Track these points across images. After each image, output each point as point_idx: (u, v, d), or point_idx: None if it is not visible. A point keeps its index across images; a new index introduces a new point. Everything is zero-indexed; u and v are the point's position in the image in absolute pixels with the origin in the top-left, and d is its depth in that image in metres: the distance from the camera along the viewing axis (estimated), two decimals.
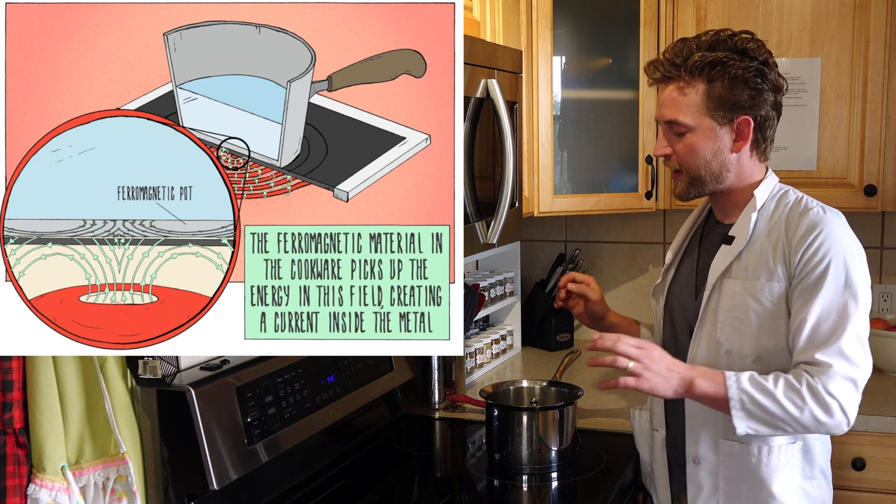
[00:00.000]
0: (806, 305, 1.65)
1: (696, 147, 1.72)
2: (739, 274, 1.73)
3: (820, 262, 1.65)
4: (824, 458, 1.81)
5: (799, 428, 1.64)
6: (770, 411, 1.61)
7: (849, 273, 1.65)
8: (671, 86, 1.72)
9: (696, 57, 1.68)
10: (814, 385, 1.61)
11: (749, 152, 1.75)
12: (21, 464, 1.35)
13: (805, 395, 1.61)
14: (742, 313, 1.71)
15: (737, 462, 1.76)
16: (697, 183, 1.75)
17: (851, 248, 1.68)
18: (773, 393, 1.61)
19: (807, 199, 1.75)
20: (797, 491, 1.75)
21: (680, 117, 1.71)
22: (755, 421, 1.62)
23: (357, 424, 2.11)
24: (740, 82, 1.67)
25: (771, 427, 1.63)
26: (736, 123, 1.70)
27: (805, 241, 1.66)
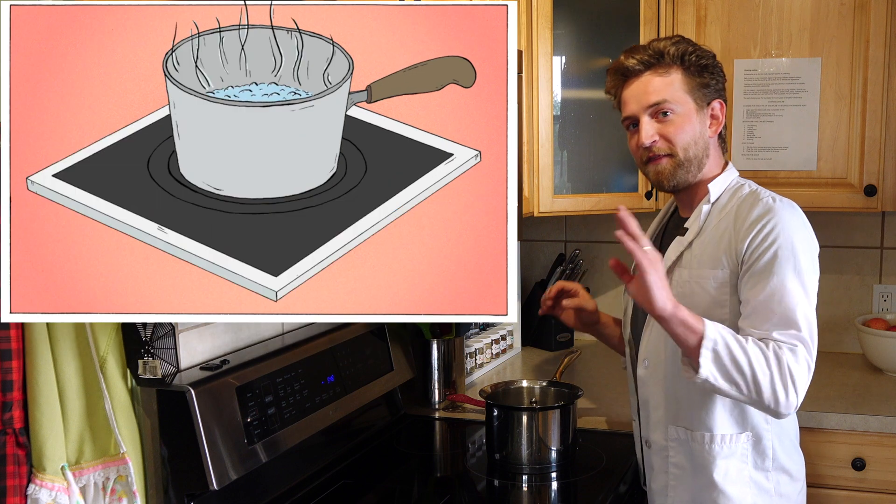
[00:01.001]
0: (758, 288, 1.66)
1: (683, 127, 1.76)
2: (688, 263, 1.78)
3: (769, 246, 1.67)
4: (785, 453, 1.80)
5: (752, 389, 1.61)
6: (736, 360, 1.59)
7: (797, 259, 1.66)
8: (648, 73, 1.77)
9: (672, 48, 1.76)
10: (780, 355, 1.62)
11: (716, 141, 1.82)
12: (21, 464, 1.35)
13: (771, 359, 1.61)
14: (690, 301, 1.73)
15: (683, 447, 1.80)
16: (685, 165, 1.77)
17: (801, 236, 1.69)
18: (743, 344, 1.61)
19: (760, 191, 1.78)
20: (744, 482, 1.77)
21: (667, 97, 1.75)
22: (717, 367, 1.59)
23: (357, 424, 2.11)
24: (707, 70, 1.77)
25: (729, 380, 1.60)
26: (710, 107, 1.78)
27: (754, 228, 1.69)
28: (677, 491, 1.82)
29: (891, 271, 2.81)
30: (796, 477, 1.83)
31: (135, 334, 1.50)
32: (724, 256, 1.73)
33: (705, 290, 1.75)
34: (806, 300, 1.67)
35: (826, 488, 2.27)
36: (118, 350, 1.49)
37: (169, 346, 1.53)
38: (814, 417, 2.25)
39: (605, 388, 2.52)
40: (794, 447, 1.84)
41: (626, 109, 1.81)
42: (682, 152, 1.76)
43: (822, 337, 2.85)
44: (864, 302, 2.84)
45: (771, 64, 2.54)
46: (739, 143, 2.59)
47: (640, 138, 1.77)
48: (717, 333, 1.60)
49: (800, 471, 1.85)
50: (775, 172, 2.57)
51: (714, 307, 1.73)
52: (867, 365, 2.66)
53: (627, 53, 1.80)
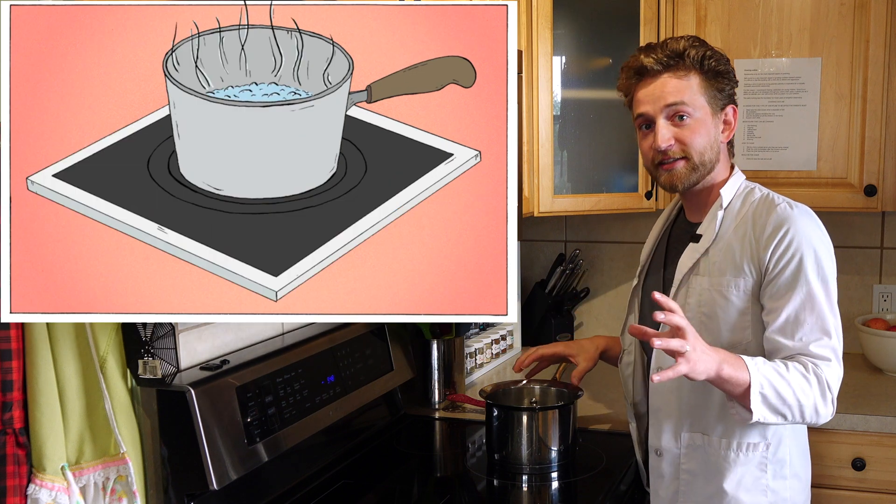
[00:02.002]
0: (786, 299, 1.67)
1: (700, 130, 1.74)
2: (706, 271, 1.76)
3: (792, 258, 1.67)
4: (799, 459, 1.81)
5: (798, 415, 1.64)
6: (782, 396, 1.61)
7: (821, 267, 1.68)
8: (666, 74, 1.74)
9: (692, 51, 1.73)
10: (819, 374, 1.64)
11: (726, 146, 1.81)
12: (21, 464, 1.35)
13: (812, 381, 1.63)
14: (709, 309, 1.74)
15: (698, 453, 1.79)
16: (699, 169, 1.76)
17: (821, 243, 1.71)
18: (786, 378, 1.62)
19: (773, 196, 1.77)
20: (760, 490, 1.76)
21: (685, 100, 1.73)
22: (767, 407, 1.61)
23: (357, 424, 2.11)
24: (723, 75, 1.76)
25: (778, 413, 1.62)
26: (724, 112, 1.78)
27: (774, 239, 1.68)
28: (687, 497, 1.80)
29: (891, 271, 2.81)
30: (805, 481, 1.83)
31: (135, 334, 1.50)
32: (746, 264, 1.71)
33: (726, 299, 1.73)
34: (831, 306, 1.68)
35: (826, 488, 2.27)
36: (118, 350, 1.49)
37: (169, 346, 1.53)
38: None
39: (605, 388, 2.52)
40: (805, 451, 1.84)
41: (639, 108, 1.77)
42: (698, 157, 1.74)
43: None
44: (864, 302, 2.84)
45: (771, 64, 2.54)
46: (739, 143, 2.59)
47: (657, 141, 1.74)
48: (761, 377, 1.60)
49: (808, 474, 1.85)
50: (775, 172, 2.57)
51: (736, 315, 1.72)
52: (867, 365, 2.66)
53: (645, 52, 1.76)
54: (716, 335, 1.74)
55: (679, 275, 1.79)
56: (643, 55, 1.76)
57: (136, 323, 1.49)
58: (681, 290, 1.79)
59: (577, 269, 3.00)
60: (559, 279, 2.99)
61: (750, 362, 1.61)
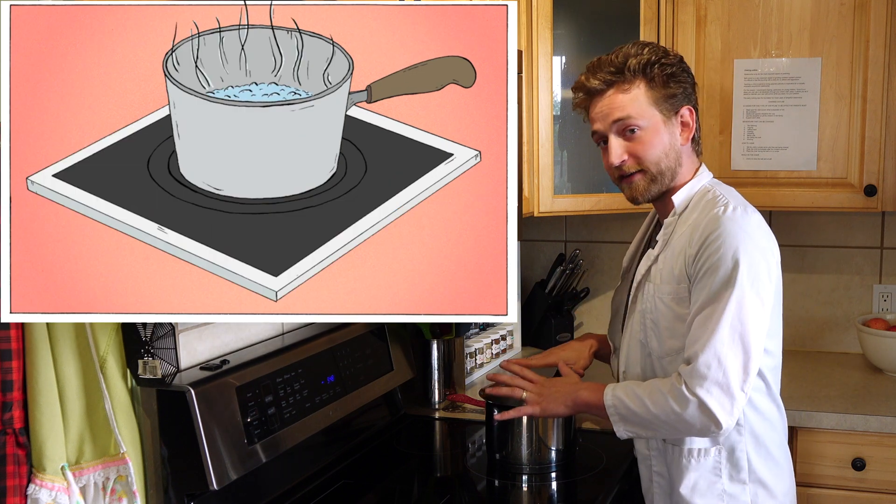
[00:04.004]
0: (693, 305, 1.68)
1: (652, 141, 1.73)
2: (654, 278, 1.77)
3: (706, 261, 1.66)
4: (763, 465, 1.77)
5: (671, 428, 1.67)
6: (639, 414, 1.68)
7: (736, 268, 1.62)
8: (611, 91, 1.73)
9: (633, 61, 1.72)
10: (677, 385, 1.64)
11: (689, 147, 1.79)
12: (21, 464, 1.35)
13: (666, 395, 1.65)
14: (654, 317, 1.76)
15: (660, 458, 1.83)
16: (659, 179, 1.75)
17: (745, 244, 1.64)
18: (640, 397, 1.68)
19: (718, 198, 1.73)
20: (716, 495, 1.76)
21: (632, 113, 1.72)
22: (631, 424, 1.71)
23: (357, 424, 2.11)
24: (673, 78, 1.74)
25: (647, 428, 1.71)
26: (679, 115, 1.76)
27: (701, 243, 1.67)
28: (660, 499, 1.85)
29: (891, 271, 2.81)
30: (774, 490, 1.78)
31: (135, 334, 1.50)
32: (683, 271, 1.71)
33: (666, 306, 1.74)
34: (734, 308, 1.62)
35: (826, 488, 2.27)
36: (118, 350, 1.49)
37: (169, 346, 1.53)
38: (813, 417, 2.25)
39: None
40: (772, 457, 1.79)
41: (593, 126, 1.78)
42: (654, 167, 1.74)
43: (822, 337, 2.88)
44: (864, 302, 2.84)
45: (771, 64, 2.54)
46: (739, 143, 2.59)
47: (610, 158, 1.75)
48: (613, 398, 1.72)
49: (781, 482, 1.80)
50: (775, 172, 2.57)
51: (674, 321, 1.73)
52: (867, 365, 2.66)
53: (591, 72, 1.76)
54: (661, 341, 1.76)
55: (635, 282, 1.82)
56: (589, 76, 1.76)
57: (136, 323, 1.49)
58: (638, 297, 1.81)
59: (577, 269, 3.00)
60: (559, 279, 2.99)
61: (608, 388, 1.72)
